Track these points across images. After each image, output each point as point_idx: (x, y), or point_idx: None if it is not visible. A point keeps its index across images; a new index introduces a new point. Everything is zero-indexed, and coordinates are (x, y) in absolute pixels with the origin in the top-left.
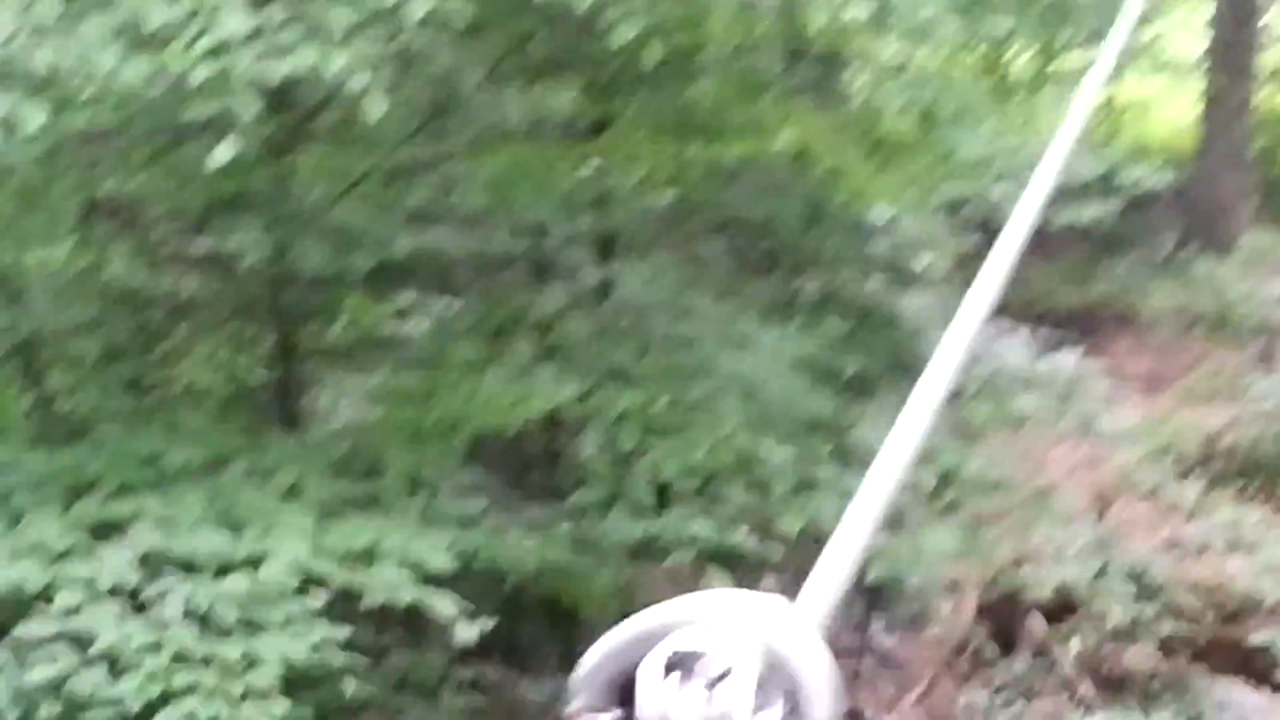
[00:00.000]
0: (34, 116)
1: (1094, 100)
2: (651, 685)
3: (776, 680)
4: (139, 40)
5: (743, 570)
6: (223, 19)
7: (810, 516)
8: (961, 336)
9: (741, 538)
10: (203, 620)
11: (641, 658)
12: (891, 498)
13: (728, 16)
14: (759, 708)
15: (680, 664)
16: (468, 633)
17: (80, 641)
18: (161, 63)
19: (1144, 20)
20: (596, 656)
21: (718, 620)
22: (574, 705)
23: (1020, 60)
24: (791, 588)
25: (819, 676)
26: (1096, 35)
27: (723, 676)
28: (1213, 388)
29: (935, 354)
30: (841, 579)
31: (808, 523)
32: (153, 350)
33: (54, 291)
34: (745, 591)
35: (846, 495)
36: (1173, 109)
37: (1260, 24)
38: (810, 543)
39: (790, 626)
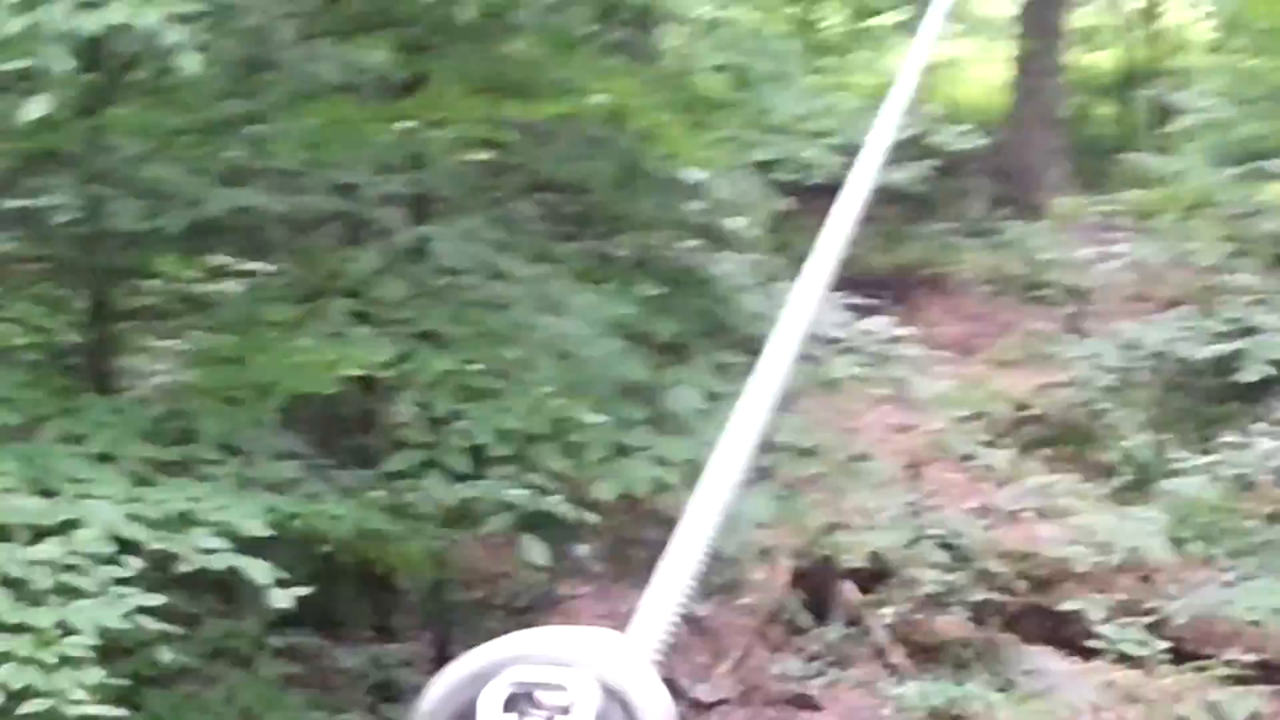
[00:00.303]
0: None
1: (924, 61)
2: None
3: (614, 713)
4: None
5: (557, 536)
6: None
7: (624, 482)
8: (800, 315)
9: (556, 504)
10: (15, 587)
11: (478, 694)
12: (727, 506)
13: None
14: None
15: (519, 699)
16: (282, 600)
17: None
18: None
19: None
20: (435, 696)
21: (555, 655)
22: None
23: (834, 19)
24: (605, 554)
25: (654, 708)
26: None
27: (562, 711)
28: (1024, 353)
29: (772, 338)
30: (673, 607)
31: (622, 489)
32: None
33: None
34: (582, 628)
35: (660, 461)
36: (984, 71)
37: None
38: (624, 508)
39: (625, 660)
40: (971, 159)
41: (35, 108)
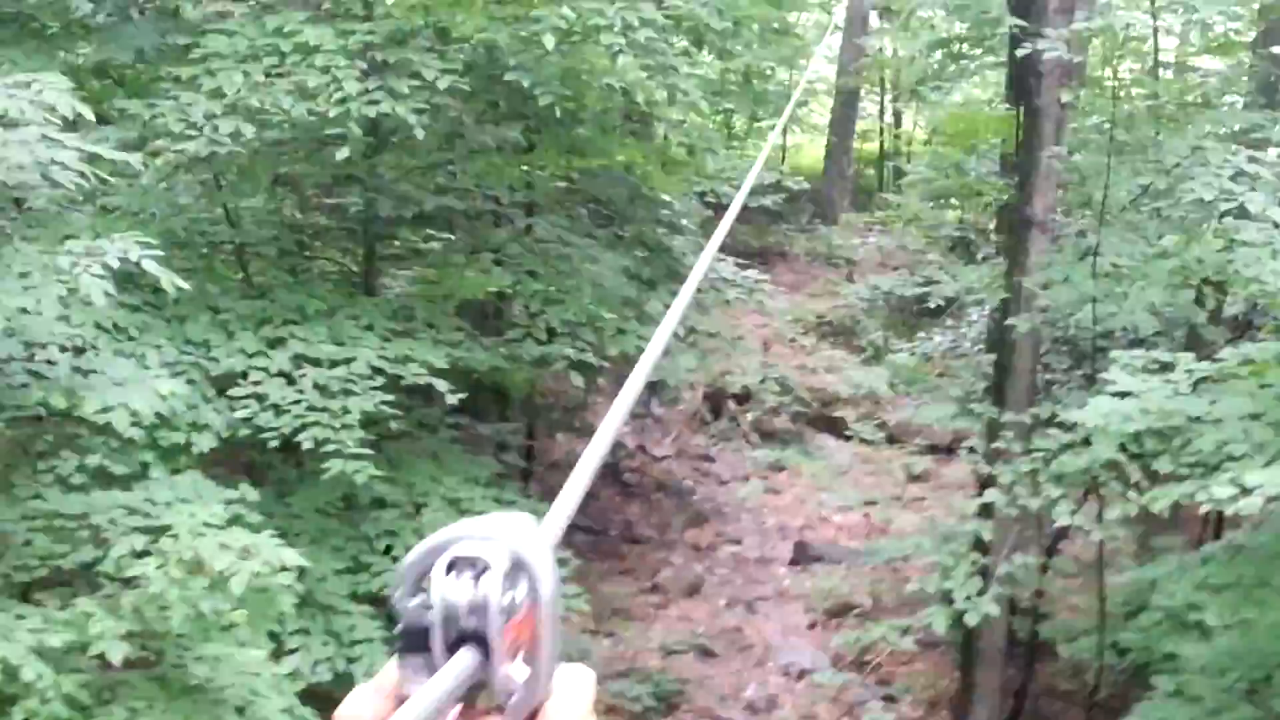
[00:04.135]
0: (247, 129)
1: (770, 144)
2: (437, 579)
3: (519, 573)
4: (304, 93)
5: (589, 373)
6: (345, 84)
7: (623, 348)
8: (700, 269)
9: (588, 357)
10: (322, 390)
11: (436, 559)
12: (618, 428)
13: (596, 93)
14: (506, 590)
15: (458, 563)
16: (451, 399)
17: (260, 398)
18: (315, 105)
19: (799, 104)
20: (408, 562)
21: (484, 533)
22: (397, 593)
23: (739, 121)
24: (611, 383)
25: (546, 572)
26: (775, 113)
27: (483, 570)
28: (823, 290)
29: (689, 277)
30: (571, 507)
31: (622, 351)
32: (302, 253)
33: (255, 221)
34: (507, 514)
35: (643, 339)
36: (812, 149)
37: (859, 106)
38: (621, 359)
39: (533, 540)
40: (802, 194)
41: (342, 153)
